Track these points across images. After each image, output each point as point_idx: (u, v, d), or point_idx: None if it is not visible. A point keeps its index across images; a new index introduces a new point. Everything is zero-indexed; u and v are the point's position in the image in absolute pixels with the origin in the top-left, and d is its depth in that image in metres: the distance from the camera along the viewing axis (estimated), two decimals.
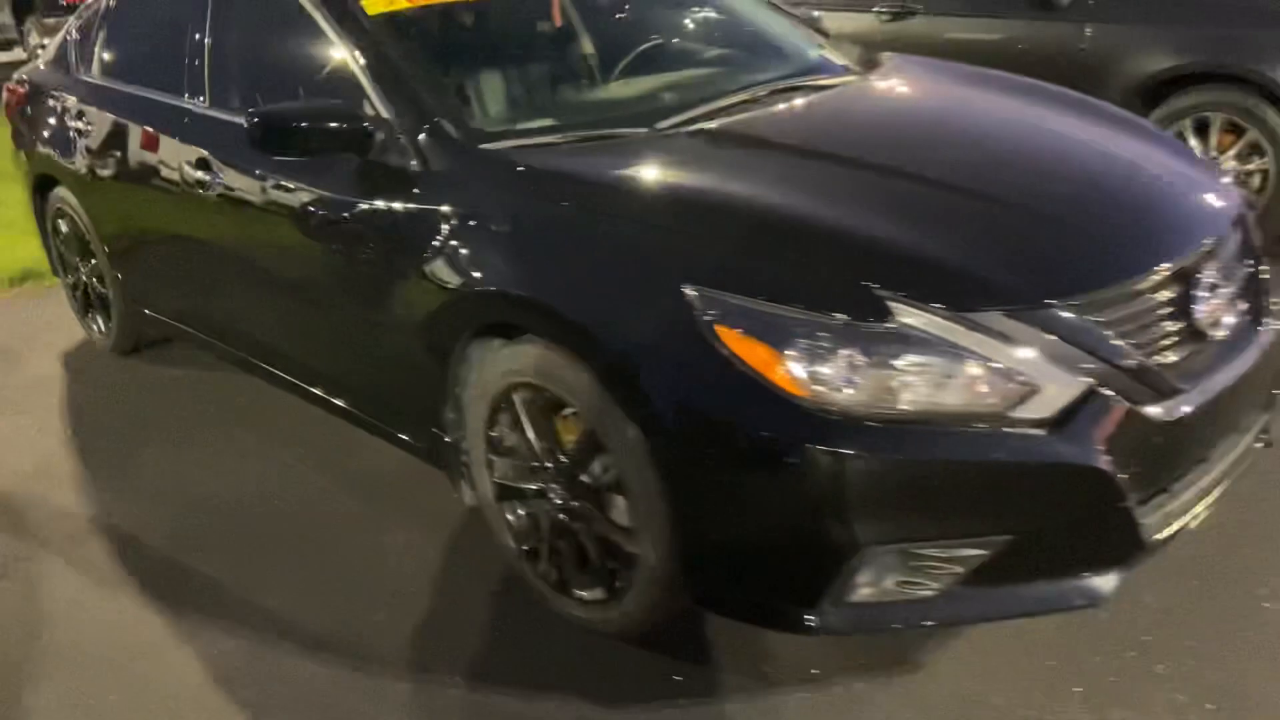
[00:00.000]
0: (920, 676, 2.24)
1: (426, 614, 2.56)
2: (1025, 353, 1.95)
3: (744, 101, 2.79)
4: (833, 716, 2.15)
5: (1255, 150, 4.22)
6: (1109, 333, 2.02)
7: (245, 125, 2.58)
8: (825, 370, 1.93)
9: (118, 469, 3.38)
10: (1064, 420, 1.96)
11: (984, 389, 1.94)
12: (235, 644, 2.51)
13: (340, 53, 2.77)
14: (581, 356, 2.15)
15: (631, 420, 2.08)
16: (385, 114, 2.61)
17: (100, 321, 4.28)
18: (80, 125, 3.84)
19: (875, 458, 1.91)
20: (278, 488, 3.17)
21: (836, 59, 3.24)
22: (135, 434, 3.60)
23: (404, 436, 2.83)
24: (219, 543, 2.92)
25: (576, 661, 2.35)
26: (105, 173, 3.71)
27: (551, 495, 2.38)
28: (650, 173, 2.38)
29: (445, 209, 2.44)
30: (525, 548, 2.52)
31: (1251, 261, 2.41)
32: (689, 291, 2.02)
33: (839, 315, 1.94)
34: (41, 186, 4.30)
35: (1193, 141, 4.35)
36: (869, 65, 3.21)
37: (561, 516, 2.37)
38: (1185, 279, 2.16)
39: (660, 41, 3.32)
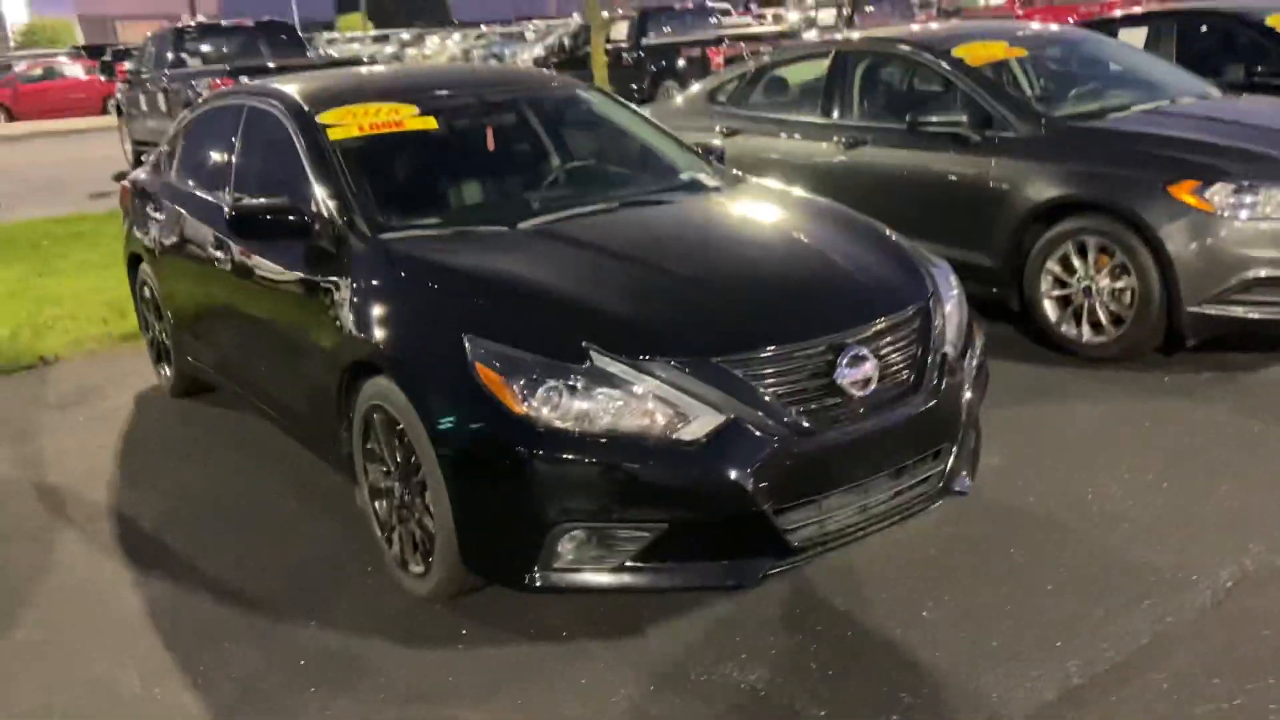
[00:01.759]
0: (636, 639, 2.96)
1: (314, 580, 3.41)
2: (683, 393, 2.74)
3: (598, 211, 3.67)
4: (564, 663, 2.88)
5: (1125, 270, 4.80)
6: (756, 383, 2.78)
7: (225, 215, 3.61)
8: (538, 396, 2.74)
9: (140, 474, 4.40)
10: (709, 443, 2.71)
11: (652, 417, 2.72)
12: (173, 588, 3.43)
13: (306, 164, 3.78)
14: (402, 386, 3.02)
15: (426, 430, 2.93)
16: (323, 211, 3.59)
17: (166, 369, 5.39)
18: (156, 215, 5.00)
19: (567, 460, 2.72)
20: (245, 490, 4.12)
21: (705, 179, 4.09)
22: (163, 451, 4.63)
23: (327, 452, 3.73)
24: (189, 524, 3.87)
25: (400, 618, 3.15)
26: (167, 251, 4.83)
27: (394, 492, 3.23)
28: (479, 257, 3.29)
29: (349, 280, 3.38)
30: (384, 535, 3.36)
31: (921, 342, 3.10)
32: (465, 339, 2.88)
33: (552, 358, 2.77)
34: (133, 262, 5.49)
35: (1075, 260, 4.96)
36: (730, 184, 4.05)
37: (401, 509, 3.21)
38: (836, 349, 2.89)
39: (559, 163, 4.25)
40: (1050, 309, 5.11)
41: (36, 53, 32.13)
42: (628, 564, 2.79)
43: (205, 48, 14.59)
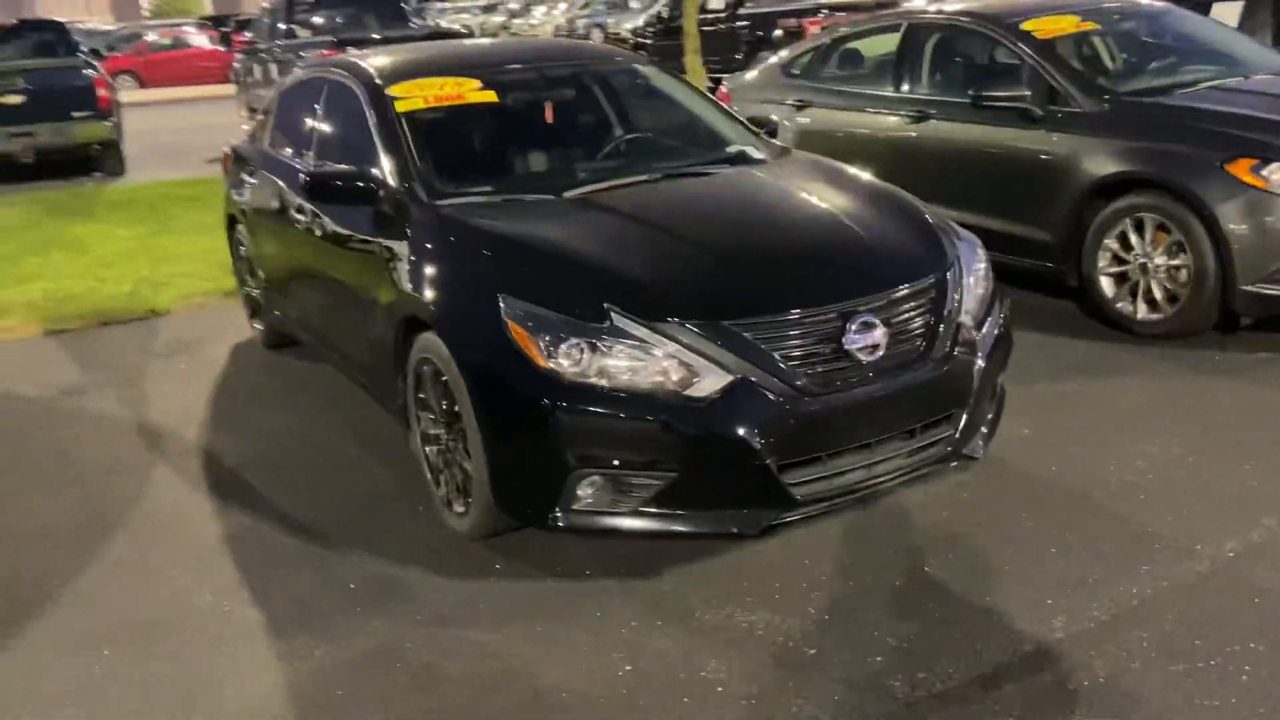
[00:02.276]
0: (651, 579, 3.19)
1: (371, 516, 3.73)
2: (694, 353, 2.94)
3: (641, 181, 3.88)
4: (581, 597, 3.13)
5: (1182, 248, 4.79)
6: (765, 345, 2.97)
7: (300, 181, 3.93)
8: (561, 352, 2.98)
9: (229, 417, 4.80)
10: (717, 400, 2.92)
11: (665, 374, 2.94)
12: (247, 518, 3.79)
13: (374, 134, 4.08)
14: (445, 340, 3.29)
15: (464, 381, 3.19)
16: (388, 179, 3.88)
17: (258, 323, 5.80)
18: (250, 179, 5.38)
19: (587, 411, 2.95)
20: (318, 435, 4.48)
21: (752, 152, 4.26)
22: (250, 398, 5.04)
23: (386, 401, 4.04)
24: (267, 464, 4.23)
25: (441, 552, 3.44)
26: (258, 212, 5.21)
27: (441, 438, 3.51)
28: (521, 223, 3.53)
29: (406, 242, 3.66)
30: (432, 477, 3.65)
31: (935, 311, 3.24)
32: (500, 298, 3.13)
33: (576, 318, 3.01)
34: (231, 223, 5.91)
35: (1133, 237, 4.97)
36: (775, 157, 4.22)
37: (446, 453, 3.50)
38: (847, 315, 3.05)
39: (611, 136, 4.45)
40: (1107, 285, 5.12)
41: (166, 23, 33.67)
42: (640, 509, 3.03)
43: (316, 19, 15.18)
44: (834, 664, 2.76)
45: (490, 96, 4.23)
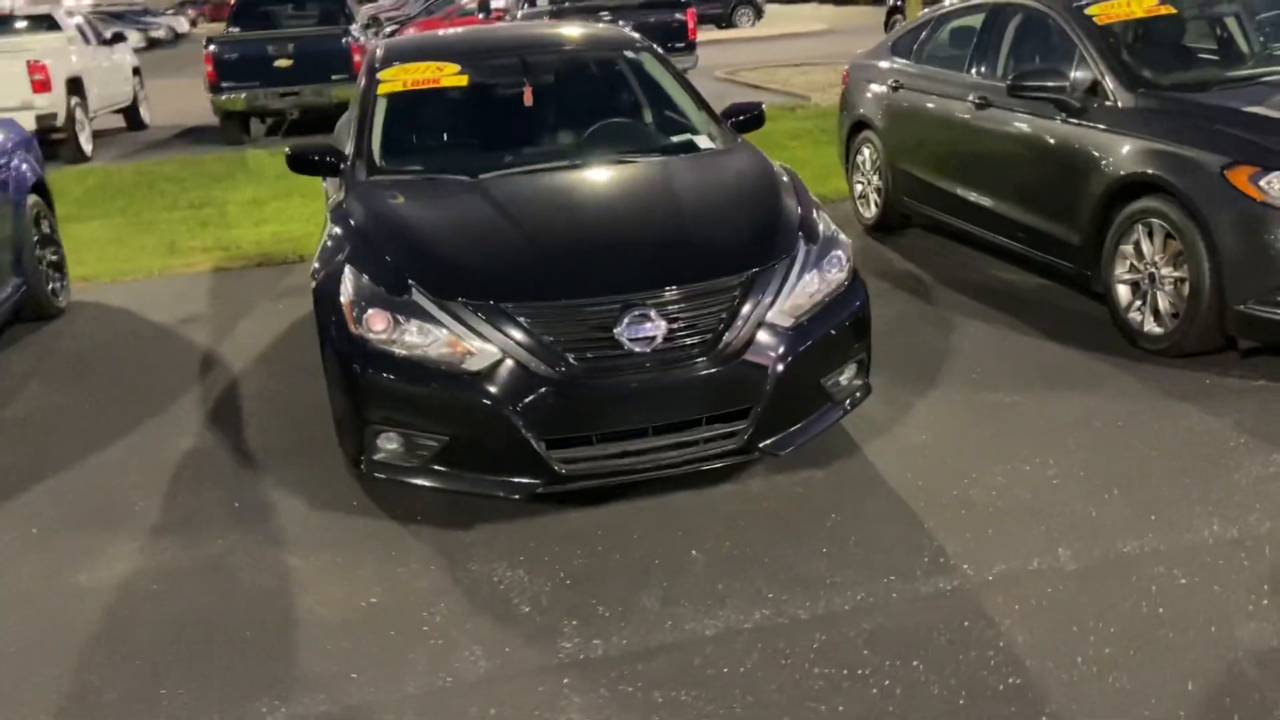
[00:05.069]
0: (459, 532, 3.52)
1: (304, 454, 4.29)
2: (470, 330, 3.26)
3: (552, 168, 4.16)
4: (393, 538, 3.53)
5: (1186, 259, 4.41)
6: (537, 329, 3.23)
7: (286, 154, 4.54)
8: (366, 318, 3.38)
9: (273, 354, 5.54)
10: (484, 376, 3.21)
11: (448, 347, 3.27)
12: (213, 441, 4.47)
13: (356, 112, 4.60)
14: (315, 303, 3.74)
15: (320, 339, 3.65)
16: (347, 153, 4.40)
17: None
18: None
19: (380, 375, 3.34)
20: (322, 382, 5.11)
21: (703, 142, 4.41)
22: (302, 341, 5.74)
23: None
24: (267, 397, 4.92)
25: (333, 480, 3.93)
26: None
27: None
28: (405, 204, 3.93)
29: (346, 210, 4.15)
30: None
31: (737, 308, 3.33)
32: (346, 269, 3.57)
33: (382, 289, 3.39)
34: None
35: (1145, 244, 4.61)
36: (723, 146, 4.37)
37: None
38: (626, 307, 3.23)
39: (560, 124, 4.67)
40: (1123, 294, 4.79)
41: None
42: (426, 466, 3.38)
43: None
44: (535, 622, 3.02)
45: (463, 81, 4.63)
